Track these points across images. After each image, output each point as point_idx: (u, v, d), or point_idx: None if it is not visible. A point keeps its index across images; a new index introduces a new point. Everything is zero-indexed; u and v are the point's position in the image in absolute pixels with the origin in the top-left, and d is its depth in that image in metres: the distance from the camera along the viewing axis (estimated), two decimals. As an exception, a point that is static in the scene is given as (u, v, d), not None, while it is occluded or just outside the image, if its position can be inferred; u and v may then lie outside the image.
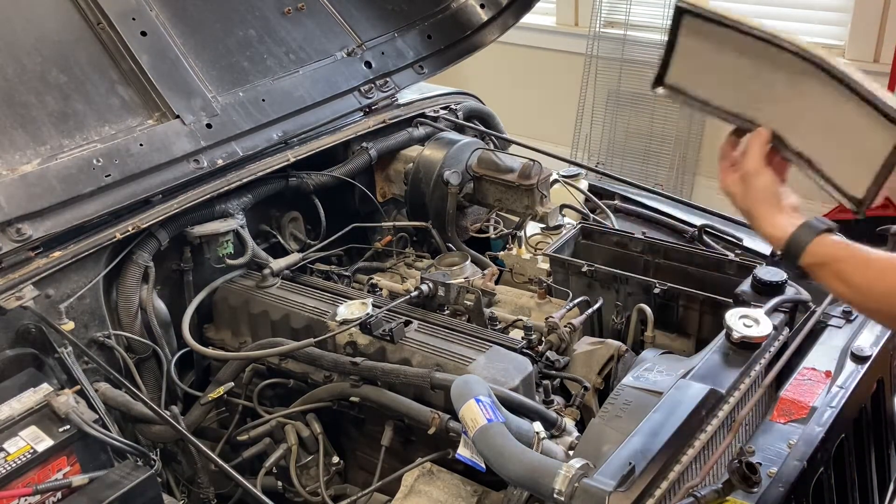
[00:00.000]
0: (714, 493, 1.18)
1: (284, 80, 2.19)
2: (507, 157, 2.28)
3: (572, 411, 1.64)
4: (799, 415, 1.44)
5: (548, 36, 5.11)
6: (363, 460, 1.83)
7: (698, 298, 1.84)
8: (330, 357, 1.72)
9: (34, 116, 1.80)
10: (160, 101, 1.97)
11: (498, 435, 1.31)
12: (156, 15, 2.07)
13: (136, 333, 1.85)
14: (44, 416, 1.47)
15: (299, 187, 2.20)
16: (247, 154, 2.04)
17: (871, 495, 1.61)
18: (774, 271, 1.66)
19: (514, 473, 1.26)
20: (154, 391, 1.89)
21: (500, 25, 2.61)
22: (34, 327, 1.67)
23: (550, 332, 1.76)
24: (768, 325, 1.49)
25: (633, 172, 4.79)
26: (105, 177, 1.81)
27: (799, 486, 1.32)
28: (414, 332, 1.76)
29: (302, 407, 1.75)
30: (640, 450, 1.25)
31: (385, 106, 2.42)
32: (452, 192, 2.24)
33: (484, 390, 1.38)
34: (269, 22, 2.26)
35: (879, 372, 1.61)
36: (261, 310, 1.94)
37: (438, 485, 1.52)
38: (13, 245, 1.66)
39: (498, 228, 2.34)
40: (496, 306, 1.99)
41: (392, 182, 2.45)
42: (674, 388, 1.40)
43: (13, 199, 1.68)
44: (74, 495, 1.38)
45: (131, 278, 1.84)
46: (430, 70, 2.50)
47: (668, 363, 1.51)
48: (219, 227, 1.98)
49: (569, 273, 2.01)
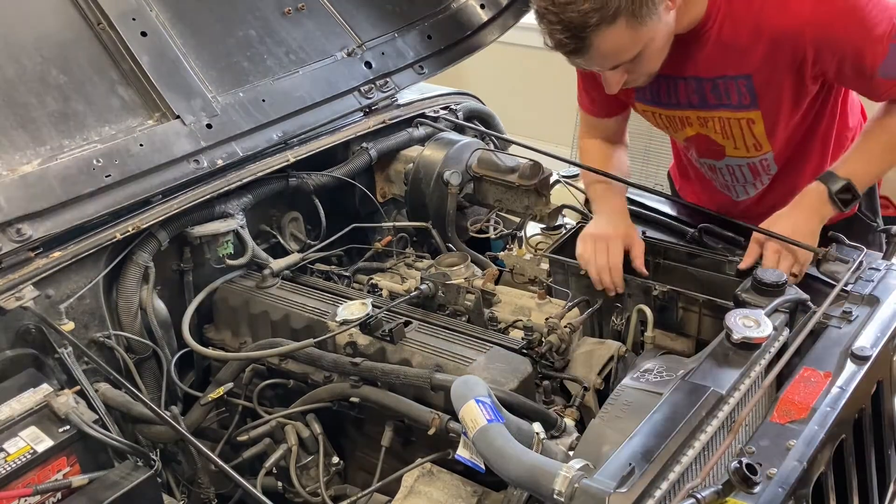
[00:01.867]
0: (714, 494, 1.18)
1: (284, 81, 2.19)
2: (507, 158, 2.28)
3: (572, 412, 1.63)
4: (799, 415, 1.43)
5: (548, 36, 5.11)
6: (363, 461, 1.83)
7: (698, 300, 1.84)
8: (330, 357, 1.72)
9: (34, 117, 1.80)
10: (160, 102, 1.97)
11: (498, 436, 1.31)
12: (156, 15, 2.07)
13: (136, 334, 1.85)
14: (44, 417, 1.47)
15: (299, 187, 2.20)
16: (247, 154, 2.04)
17: (871, 495, 1.61)
18: (775, 272, 1.66)
19: (514, 474, 1.26)
20: (154, 391, 1.89)
21: (500, 25, 2.61)
22: (34, 328, 1.67)
23: (550, 332, 1.76)
24: (768, 326, 1.49)
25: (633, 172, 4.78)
26: (105, 177, 1.81)
27: (799, 487, 1.32)
28: (414, 333, 1.76)
29: (302, 407, 1.75)
30: (640, 450, 1.25)
31: (385, 106, 2.42)
32: (452, 192, 2.24)
33: (484, 391, 1.38)
34: (269, 22, 2.26)
35: (879, 373, 1.61)
36: (261, 310, 1.94)
37: (438, 485, 1.52)
38: (13, 245, 1.66)
39: (498, 229, 2.34)
40: (496, 307, 1.99)
41: (392, 182, 2.45)
42: (674, 389, 1.40)
43: (13, 199, 1.68)
44: (74, 496, 1.39)
45: (131, 278, 1.84)
46: (430, 70, 2.50)
47: (668, 364, 1.51)
48: (219, 228, 1.98)
49: (568, 274, 2.01)
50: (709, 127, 1.95)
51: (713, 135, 1.97)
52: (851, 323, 1.66)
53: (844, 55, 1.72)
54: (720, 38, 1.75)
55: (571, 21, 1.55)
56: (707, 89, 1.86)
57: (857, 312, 1.68)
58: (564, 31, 1.58)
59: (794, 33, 1.70)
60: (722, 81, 1.84)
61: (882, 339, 1.61)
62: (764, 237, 1.82)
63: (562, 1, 1.54)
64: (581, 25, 1.55)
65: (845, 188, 1.78)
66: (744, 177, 2.07)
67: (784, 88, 1.82)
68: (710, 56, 1.78)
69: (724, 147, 2.00)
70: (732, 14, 1.73)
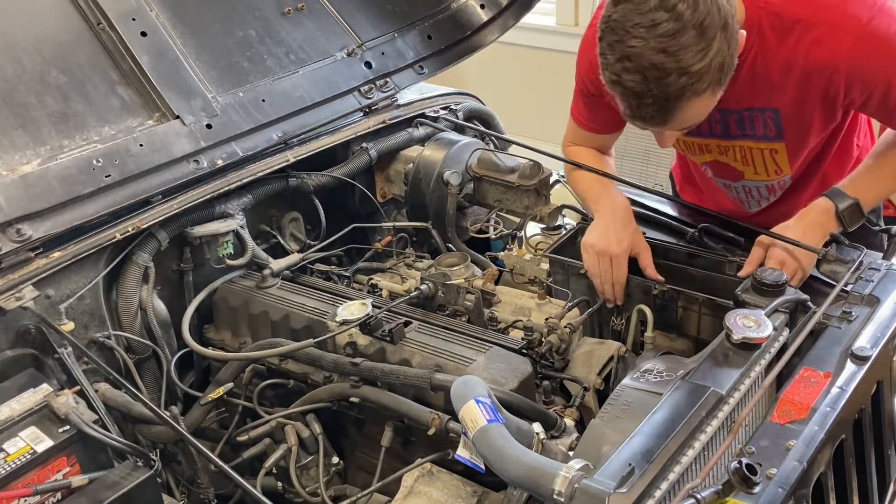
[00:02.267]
0: (714, 494, 1.18)
1: (284, 81, 2.19)
2: (507, 158, 2.28)
3: (572, 412, 1.63)
4: (799, 415, 1.43)
5: (548, 36, 5.11)
6: (363, 461, 1.83)
7: (698, 300, 1.84)
8: (330, 357, 1.72)
9: (34, 117, 1.80)
10: (160, 102, 1.97)
11: (498, 436, 1.31)
12: (156, 15, 2.07)
13: (136, 334, 1.85)
14: (43, 417, 1.47)
15: (299, 187, 2.20)
16: (247, 154, 2.04)
17: (871, 496, 1.61)
18: (775, 272, 1.66)
19: (514, 474, 1.26)
20: (154, 391, 1.89)
21: (500, 25, 2.61)
22: (34, 328, 1.67)
23: (550, 332, 1.76)
24: (768, 327, 1.48)
25: (633, 172, 4.78)
26: (105, 177, 1.81)
27: (799, 487, 1.32)
28: (414, 333, 1.76)
29: (302, 407, 1.75)
30: (640, 450, 1.25)
31: (385, 106, 2.42)
32: (452, 192, 2.24)
33: (484, 391, 1.38)
34: (269, 22, 2.26)
35: (879, 373, 1.61)
36: (261, 310, 1.94)
37: (438, 485, 1.52)
38: (13, 245, 1.66)
39: (498, 229, 2.34)
40: (496, 307, 1.99)
41: (392, 182, 2.45)
42: (674, 389, 1.40)
43: (13, 199, 1.68)
44: (74, 496, 1.38)
45: (131, 279, 1.84)
46: (430, 70, 2.50)
47: (668, 364, 1.51)
48: (219, 228, 1.98)
49: (568, 274, 2.01)
50: (728, 155, 1.95)
51: (733, 162, 1.96)
52: (851, 323, 1.66)
53: (875, 90, 1.71)
54: (752, 72, 1.73)
55: (665, 95, 1.50)
56: (732, 121, 1.85)
57: (856, 312, 1.68)
58: (654, 104, 1.52)
59: (830, 68, 1.67)
60: (748, 113, 1.82)
61: (882, 339, 1.61)
62: (768, 242, 1.82)
63: (657, 76, 1.48)
64: (674, 98, 1.51)
65: (852, 207, 1.78)
66: (759, 194, 2.07)
67: (813, 121, 1.82)
68: (740, 89, 1.73)
69: (743, 172, 1.99)
70: (766, 49, 1.70)
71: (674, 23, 1.44)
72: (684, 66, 1.46)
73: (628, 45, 1.47)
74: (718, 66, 1.50)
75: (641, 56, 1.46)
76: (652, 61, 1.46)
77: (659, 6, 1.44)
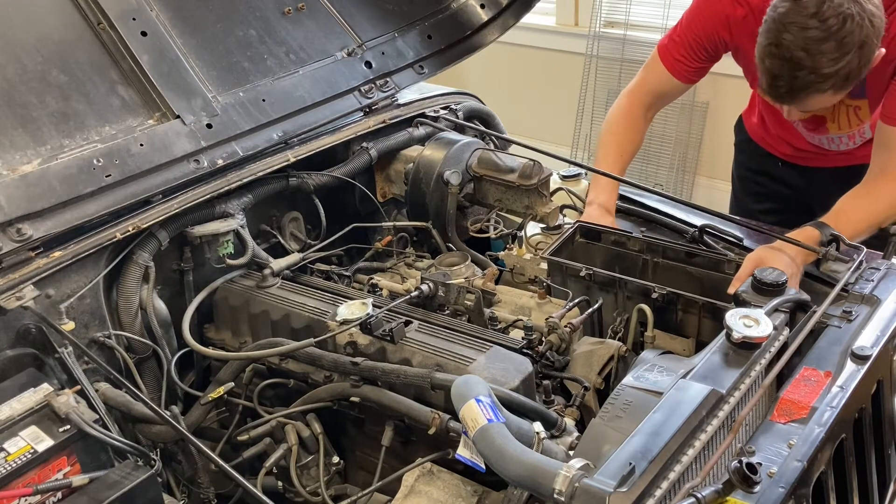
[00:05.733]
0: (714, 494, 1.18)
1: (285, 80, 2.19)
2: (507, 158, 2.28)
3: (572, 411, 1.64)
4: (799, 415, 1.44)
5: (548, 36, 5.12)
6: (363, 460, 1.83)
7: (697, 303, 1.84)
8: (330, 357, 1.72)
9: (34, 116, 1.80)
10: (160, 101, 1.97)
11: (498, 435, 1.31)
12: (156, 15, 2.07)
13: (137, 333, 1.85)
14: (44, 416, 1.47)
15: (299, 187, 2.20)
16: (247, 154, 2.04)
17: (871, 495, 1.61)
18: (774, 272, 1.66)
19: (514, 474, 1.26)
20: (154, 391, 1.89)
21: (500, 25, 2.61)
22: (34, 327, 1.67)
23: (550, 332, 1.76)
24: (769, 326, 1.49)
25: (633, 172, 4.79)
26: (105, 177, 1.81)
27: (799, 486, 1.32)
28: (414, 333, 1.76)
29: (302, 407, 1.75)
30: (640, 450, 1.25)
31: (385, 106, 2.42)
32: (452, 192, 2.24)
33: (484, 390, 1.38)
34: (270, 22, 2.26)
35: (879, 372, 1.61)
36: (261, 310, 1.94)
37: (438, 485, 1.52)
38: (13, 245, 1.66)
39: (498, 228, 2.34)
40: (496, 306, 1.99)
41: (392, 182, 2.45)
42: (674, 389, 1.40)
43: (13, 199, 1.68)
44: (74, 495, 1.38)
45: (131, 278, 1.84)
46: (430, 70, 2.50)
47: (668, 363, 1.51)
48: (219, 227, 1.98)
49: (566, 276, 2.00)
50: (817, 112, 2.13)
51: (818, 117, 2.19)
52: (851, 322, 1.66)
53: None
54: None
55: (793, 84, 1.81)
56: None
57: (857, 312, 1.68)
58: (784, 87, 1.83)
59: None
60: None
61: (882, 338, 1.61)
62: (757, 258, 1.85)
63: (792, 67, 1.77)
64: (799, 89, 1.81)
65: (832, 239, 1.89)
66: (840, 140, 2.31)
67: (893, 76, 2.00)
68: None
69: (829, 127, 2.25)
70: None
71: (821, 31, 1.73)
72: (816, 67, 1.76)
73: (781, 36, 1.77)
74: (845, 75, 1.78)
75: (787, 48, 1.77)
76: (793, 55, 1.76)
77: (815, 14, 1.74)
